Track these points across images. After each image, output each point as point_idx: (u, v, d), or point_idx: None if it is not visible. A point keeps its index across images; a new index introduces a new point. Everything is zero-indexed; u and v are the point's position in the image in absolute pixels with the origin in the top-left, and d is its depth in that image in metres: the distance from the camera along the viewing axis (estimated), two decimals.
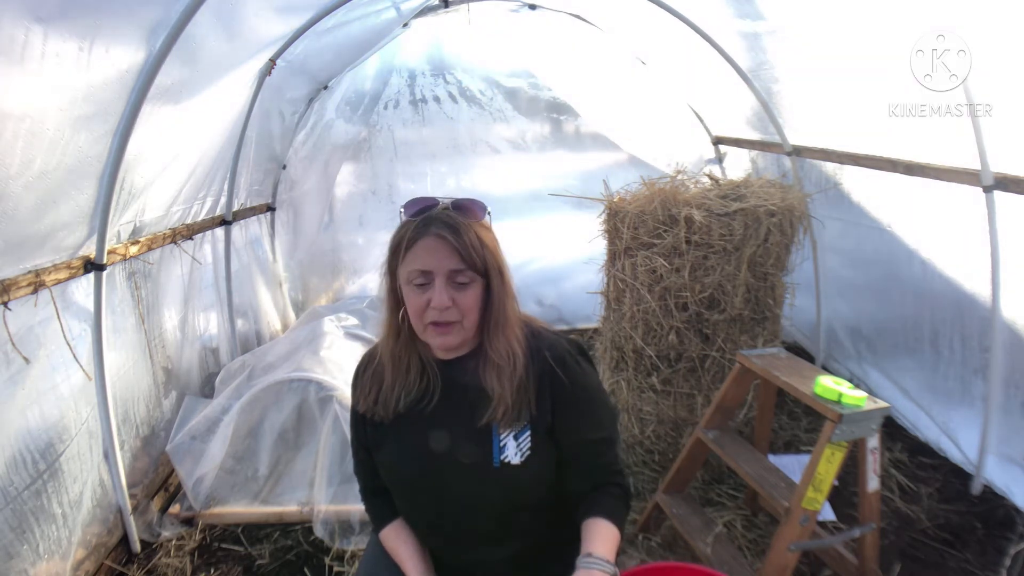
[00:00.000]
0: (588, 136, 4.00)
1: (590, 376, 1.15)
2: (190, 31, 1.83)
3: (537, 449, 1.08)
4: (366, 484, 1.26)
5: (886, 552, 1.94)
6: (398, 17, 3.24)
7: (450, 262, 1.01)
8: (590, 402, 1.14)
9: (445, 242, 1.01)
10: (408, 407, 1.12)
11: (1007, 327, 2.07)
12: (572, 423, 1.10)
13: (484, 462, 1.07)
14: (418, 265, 1.02)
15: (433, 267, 1.02)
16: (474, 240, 1.03)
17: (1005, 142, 1.90)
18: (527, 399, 1.08)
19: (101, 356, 1.98)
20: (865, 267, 2.82)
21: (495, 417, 1.07)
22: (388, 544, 1.20)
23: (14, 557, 1.63)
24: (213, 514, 2.31)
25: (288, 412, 2.45)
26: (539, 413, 1.09)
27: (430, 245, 1.02)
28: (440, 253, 1.01)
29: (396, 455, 1.14)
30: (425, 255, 1.02)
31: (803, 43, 2.48)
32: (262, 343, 3.34)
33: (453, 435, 1.09)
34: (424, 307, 1.03)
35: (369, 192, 4.10)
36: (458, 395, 1.11)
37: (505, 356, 1.07)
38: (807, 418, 2.82)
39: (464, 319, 1.04)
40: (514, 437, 1.08)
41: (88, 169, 1.77)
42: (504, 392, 1.06)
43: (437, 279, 1.02)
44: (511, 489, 1.08)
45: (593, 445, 1.13)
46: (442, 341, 1.06)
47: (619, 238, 2.36)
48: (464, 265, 1.02)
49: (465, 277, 1.03)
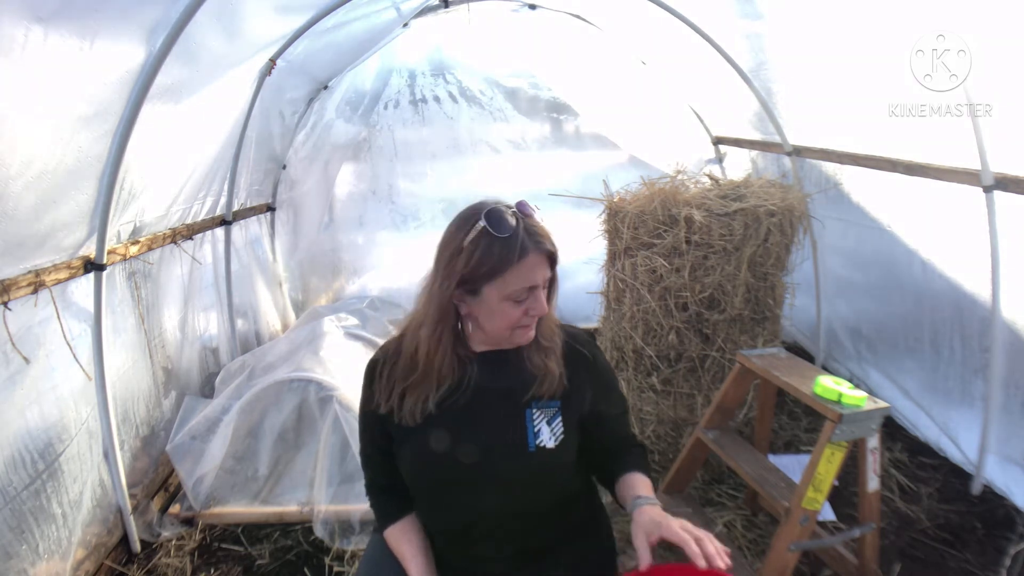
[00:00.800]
0: (588, 136, 4.00)
1: (605, 358, 1.24)
2: (190, 31, 1.83)
3: (568, 433, 1.12)
4: (374, 480, 1.24)
5: (886, 552, 1.94)
6: (398, 17, 3.25)
7: (545, 271, 1.07)
8: (610, 379, 1.22)
9: (544, 255, 1.05)
10: (437, 404, 1.12)
11: (1007, 327, 2.07)
12: (599, 398, 1.17)
13: (520, 447, 1.09)
14: (526, 283, 1.04)
15: (539, 280, 1.06)
16: (552, 242, 1.07)
17: (1005, 142, 1.89)
18: (563, 375, 1.13)
19: (101, 356, 1.98)
20: (865, 267, 2.82)
21: (539, 393, 1.11)
22: (392, 542, 1.19)
23: (13, 557, 1.63)
24: (213, 514, 2.31)
25: (288, 412, 2.45)
26: (572, 389, 1.13)
27: (537, 262, 1.04)
28: (542, 266, 1.06)
29: (424, 450, 1.12)
30: (531, 272, 1.04)
31: (803, 43, 2.49)
32: (262, 343, 3.34)
33: (487, 426, 1.11)
34: (521, 317, 1.07)
35: (369, 192, 4.10)
36: (495, 383, 1.13)
37: (550, 337, 1.14)
38: (807, 418, 2.82)
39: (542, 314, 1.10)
40: (547, 422, 1.11)
41: (88, 169, 1.77)
42: (549, 368, 1.11)
43: (539, 291, 1.07)
44: (545, 474, 1.11)
45: (615, 419, 1.21)
46: (526, 337, 1.11)
47: (619, 238, 2.36)
48: (551, 271, 1.08)
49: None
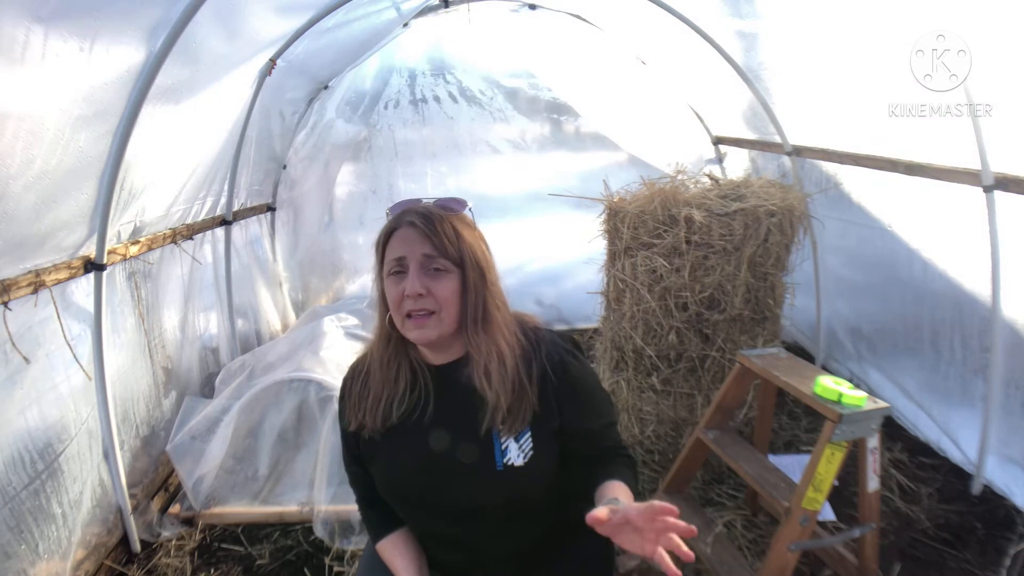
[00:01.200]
0: (588, 136, 4.00)
1: (587, 368, 1.16)
2: (190, 31, 1.83)
3: (539, 448, 1.07)
4: (363, 495, 1.25)
5: (886, 552, 1.93)
6: (398, 17, 3.25)
7: (422, 247, 1.03)
8: (591, 394, 1.14)
9: (418, 230, 1.04)
10: (401, 418, 1.10)
11: (1007, 327, 2.07)
12: (577, 417, 1.10)
13: (487, 467, 1.06)
14: (394, 254, 1.05)
15: (406, 253, 1.03)
16: (448, 230, 1.04)
17: (1005, 142, 1.89)
18: (528, 401, 1.06)
19: (101, 356, 1.98)
20: (865, 267, 2.82)
21: (494, 423, 1.05)
22: (385, 556, 1.19)
23: (12, 557, 1.63)
24: (213, 514, 2.31)
25: (288, 412, 2.45)
26: (543, 412, 1.07)
27: (405, 234, 1.05)
28: (413, 240, 1.04)
29: (391, 469, 1.13)
30: (399, 244, 1.05)
31: (803, 43, 2.48)
32: (262, 343, 3.33)
33: (452, 443, 1.08)
34: (401, 297, 1.03)
35: (369, 192, 4.10)
36: (454, 401, 1.09)
37: (489, 356, 1.05)
38: (807, 418, 2.81)
39: (441, 311, 1.03)
40: (515, 439, 1.07)
41: (88, 169, 1.77)
42: (499, 398, 1.04)
43: (411, 265, 1.03)
44: (514, 491, 1.07)
45: (598, 432, 1.14)
46: (419, 334, 1.04)
47: (619, 238, 2.36)
48: (436, 252, 1.03)
49: (439, 265, 1.03)
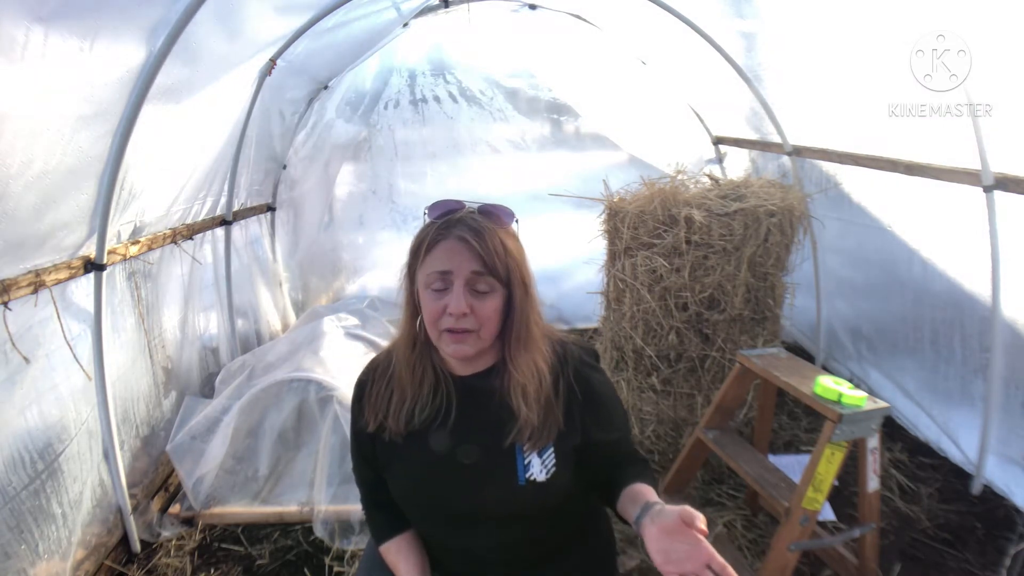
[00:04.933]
0: (588, 136, 4.00)
1: (607, 381, 1.15)
2: (190, 31, 1.83)
3: (560, 465, 1.05)
4: (369, 497, 1.22)
5: (886, 552, 1.93)
6: (398, 17, 3.25)
7: (471, 265, 0.96)
8: (612, 407, 1.13)
9: (467, 245, 0.96)
10: (423, 424, 1.07)
11: (1007, 327, 2.07)
12: (598, 430, 1.08)
13: (509, 481, 1.03)
14: (437, 267, 0.97)
15: (453, 268, 0.97)
16: (498, 246, 0.98)
17: (1005, 142, 1.89)
18: (555, 418, 1.04)
19: (101, 356, 1.98)
20: (865, 267, 2.82)
21: (520, 439, 1.03)
22: (388, 558, 1.17)
23: (12, 557, 1.63)
24: (213, 514, 2.31)
25: (288, 412, 2.45)
26: (567, 428, 1.05)
27: (451, 247, 0.97)
28: (461, 256, 0.96)
29: (409, 476, 1.10)
30: (445, 257, 0.97)
31: (803, 43, 2.48)
32: (262, 343, 3.33)
33: (473, 455, 1.05)
34: (440, 313, 0.97)
35: (369, 192, 4.11)
36: (478, 412, 1.06)
37: (529, 374, 1.02)
38: (807, 418, 2.81)
39: (481, 329, 0.99)
40: (538, 454, 1.04)
41: (88, 169, 1.77)
42: (531, 414, 1.02)
43: (456, 282, 0.97)
44: (533, 506, 1.05)
45: (615, 443, 1.12)
46: (456, 350, 1.00)
47: (619, 238, 2.36)
48: (485, 270, 0.97)
49: (485, 284, 0.98)
